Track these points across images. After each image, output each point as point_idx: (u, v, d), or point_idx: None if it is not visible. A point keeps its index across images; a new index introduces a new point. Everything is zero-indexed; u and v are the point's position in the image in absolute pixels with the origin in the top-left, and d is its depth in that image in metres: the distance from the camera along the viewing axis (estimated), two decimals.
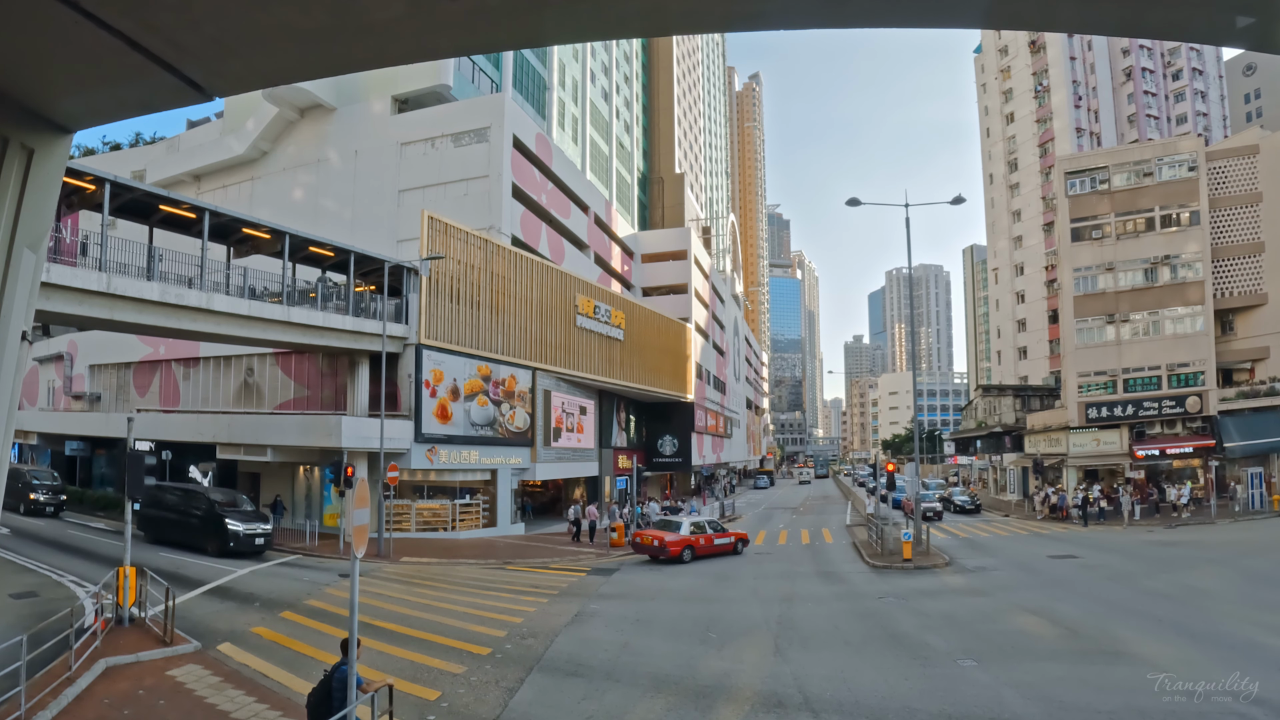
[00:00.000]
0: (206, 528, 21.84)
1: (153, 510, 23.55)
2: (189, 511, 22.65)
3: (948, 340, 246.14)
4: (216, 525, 21.59)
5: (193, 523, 22.34)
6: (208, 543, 21.67)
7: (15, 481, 29.28)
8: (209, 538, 21.68)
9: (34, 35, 1.68)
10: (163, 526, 23.21)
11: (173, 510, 23.16)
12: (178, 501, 23.35)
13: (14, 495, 28.78)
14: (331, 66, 1.97)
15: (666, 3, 1.75)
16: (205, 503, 22.42)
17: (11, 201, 2.02)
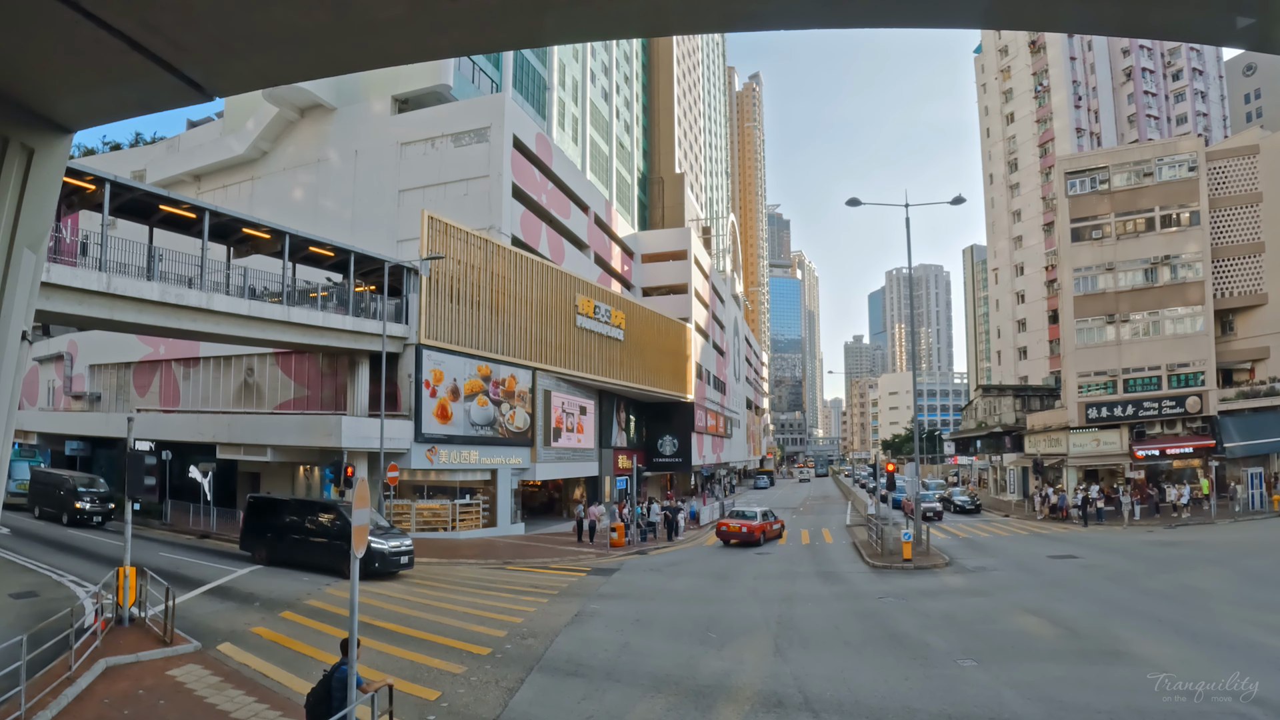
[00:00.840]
0: (342, 548, 18.27)
1: (263, 524, 20.56)
2: (318, 528, 19.58)
3: (948, 340, 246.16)
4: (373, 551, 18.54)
5: (322, 541, 19.28)
6: (345, 563, 17.79)
7: (57, 489, 27.44)
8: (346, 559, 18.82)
9: (34, 35, 1.68)
10: (281, 546, 19.89)
11: (295, 528, 19.98)
12: (300, 517, 20.21)
13: (56, 504, 27.12)
14: (332, 66, 1.97)
15: (666, 3, 1.75)
16: (340, 518, 19.13)
17: (11, 201, 2.02)
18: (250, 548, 20.68)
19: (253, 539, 20.69)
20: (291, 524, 20.18)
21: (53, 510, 27.28)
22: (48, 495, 27.83)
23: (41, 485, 28.87)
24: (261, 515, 20.83)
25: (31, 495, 29.34)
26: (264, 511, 20.96)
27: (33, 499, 28.95)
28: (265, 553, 20.16)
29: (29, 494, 29.55)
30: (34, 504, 28.68)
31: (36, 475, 30.12)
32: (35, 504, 28.72)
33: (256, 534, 20.61)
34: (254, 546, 20.53)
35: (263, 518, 20.74)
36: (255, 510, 21.14)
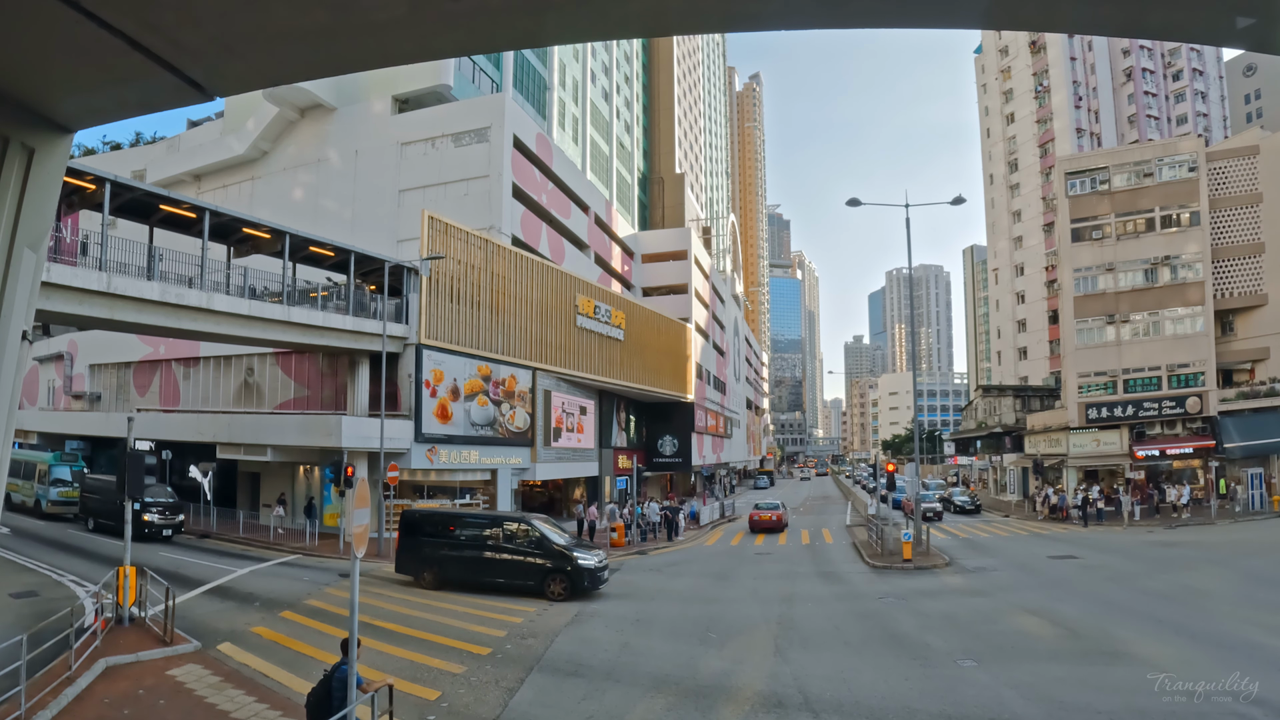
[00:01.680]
0: (539, 565, 17.14)
1: (426, 542, 18.22)
2: (502, 543, 17.77)
3: (948, 340, 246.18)
4: (558, 560, 17.10)
5: (510, 558, 17.48)
6: (548, 584, 16.90)
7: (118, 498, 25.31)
8: (547, 578, 16.97)
9: (35, 35, 1.68)
10: (454, 565, 17.78)
11: (472, 543, 17.95)
12: (477, 530, 18.22)
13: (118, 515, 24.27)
14: (332, 66, 1.97)
15: (666, 3, 1.75)
16: (536, 533, 17.61)
17: (12, 201, 2.02)
18: (411, 570, 18.06)
19: (413, 560, 18.06)
20: (467, 539, 17.99)
21: (112, 523, 23.50)
22: (106, 505, 24.42)
23: (97, 494, 25.58)
24: (422, 532, 18.33)
25: (84, 505, 26.48)
26: (426, 528, 18.50)
27: (86, 509, 26.23)
28: (433, 574, 17.73)
29: (80, 503, 26.77)
30: (87, 514, 25.97)
31: (89, 482, 26.63)
32: (89, 515, 25.80)
33: (417, 553, 18.04)
34: (415, 568, 17.96)
35: (425, 535, 18.29)
36: (413, 527, 18.52)
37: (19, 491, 29.32)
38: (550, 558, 17.05)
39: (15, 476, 29.28)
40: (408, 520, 18.99)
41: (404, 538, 18.50)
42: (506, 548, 17.61)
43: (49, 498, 27.83)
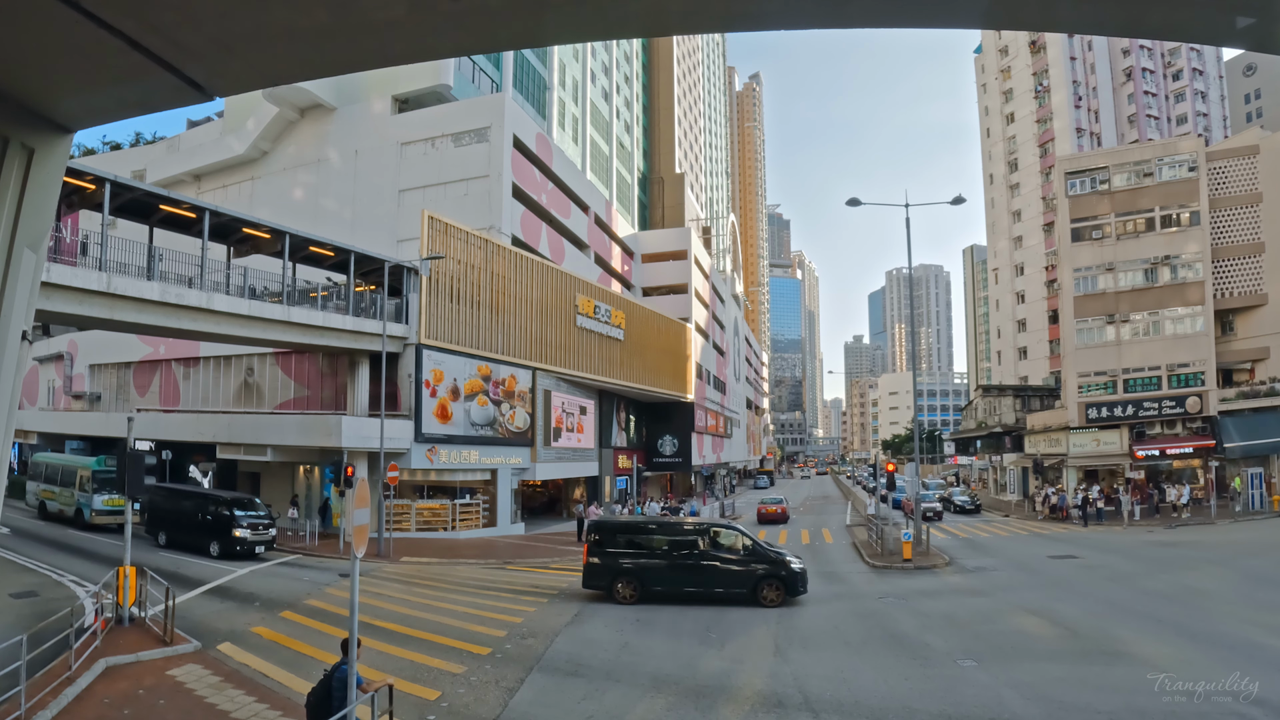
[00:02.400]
0: (753, 571, 16.31)
1: (618, 553, 16.96)
2: (719, 552, 16.77)
3: (948, 340, 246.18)
4: (774, 565, 16.37)
5: (727, 568, 16.55)
6: (761, 590, 16.15)
7: (200, 511, 21.95)
8: (760, 584, 16.21)
9: (35, 35, 1.68)
10: (653, 575, 16.62)
11: (685, 552, 16.77)
12: (691, 540, 16.98)
13: (200, 530, 21.52)
14: (332, 66, 1.97)
15: (666, 3, 1.75)
16: (746, 539, 16.98)
17: (12, 201, 2.02)
18: (603, 583, 16.77)
19: (608, 572, 16.75)
20: (671, 549, 16.93)
21: (192, 539, 21.60)
22: (183, 519, 22.15)
23: (170, 506, 23.01)
24: (617, 544, 17.01)
25: (152, 517, 23.44)
26: (622, 538, 17.16)
27: (155, 522, 23.24)
28: (631, 588, 16.50)
29: (147, 514, 23.54)
30: (157, 528, 23.03)
31: (159, 493, 23.88)
32: (160, 529, 22.89)
33: (612, 566, 16.77)
34: (609, 582, 16.66)
35: (621, 546, 17.02)
36: (607, 536, 17.20)
37: (56, 500, 27.00)
38: (764, 562, 16.42)
39: (53, 483, 27.34)
40: (601, 531, 17.57)
41: (595, 549, 17.11)
42: (718, 555, 16.71)
43: (93, 507, 25.13)
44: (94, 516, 25.19)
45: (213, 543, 21.07)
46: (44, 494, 27.89)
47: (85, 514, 25.57)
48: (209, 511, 21.68)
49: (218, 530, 21.14)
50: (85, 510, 25.64)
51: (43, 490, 28.02)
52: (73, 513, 26.09)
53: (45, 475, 28.31)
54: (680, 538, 17.21)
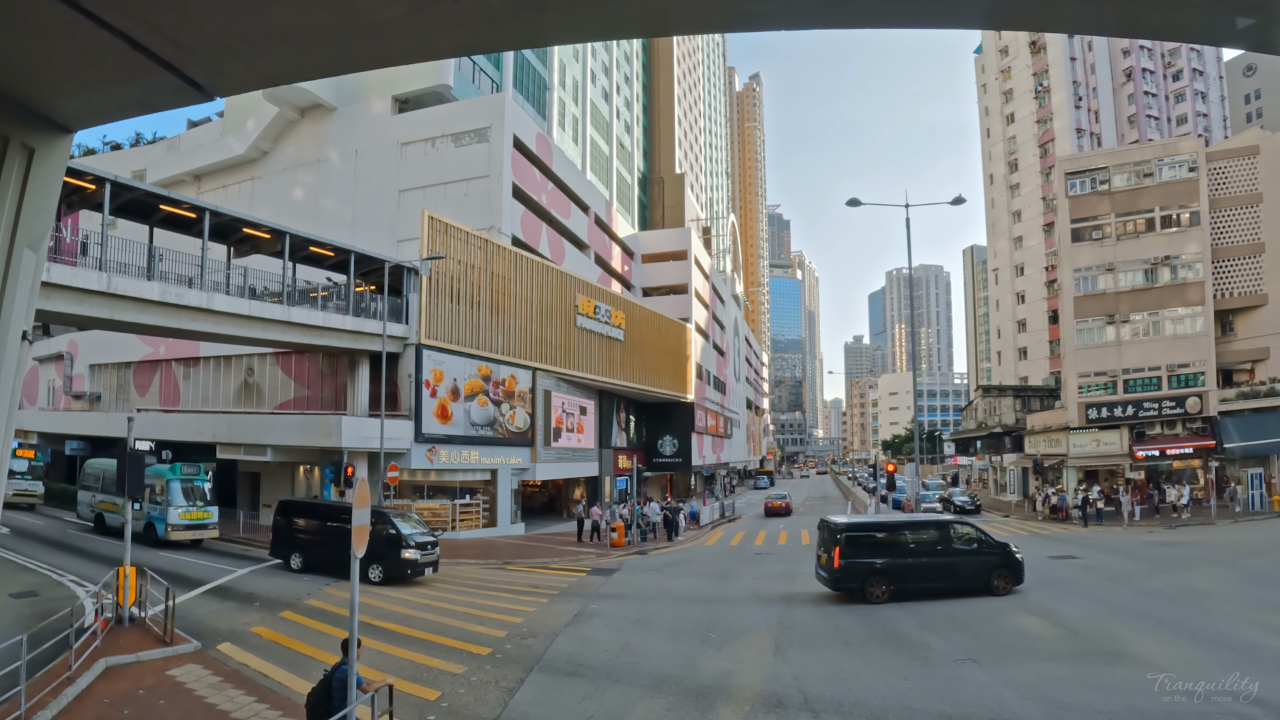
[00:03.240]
0: (987, 561, 16.54)
1: (889, 550, 16.69)
2: (956, 546, 16.79)
3: (948, 340, 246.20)
4: (1003, 554, 16.67)
5: (966, 560, 16.62)
6: (993, 579, 16.37)
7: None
8: (993, 574, 16.43)
9: (35, 35, 1.69)
10: (919, 572, 16.42)
11: (928, 549, 16.73)
12: (931, 536, 16.97)
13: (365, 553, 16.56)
14: (332, 66, 1.97)
15: (666, 3, 1.75)
16: (976, 530, 17.17)
17: (12, 201, 2.03)
18: (851, 584, 16.41)
19: (860, 573, 16.31)
20: (916, 546, 16.84)
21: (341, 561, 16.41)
22: (328, 538, 18.76)
23: (310, 524, 19.90)
24: (870, 543, 16.79)
25: (282, 538, 20.18)
26: (873, 538, 16.93)
27: (286, 543, 20.02)
28: (884, 587, 16.19)
29: (274, 536, 20.44)
30: (288, 549, 19.87)
31: (294, 509, 20.79)
32: (292, 550, 19.73)
33: (865, 567, 16.41)
34: (856, 583, 16.36)
35: (873, 545, 16.78)
36: (858, 537, 16.75)
37: (116, 512, 23.73)
38: (996, 552, 16.81)
39: (110, 494, 24.44)
40: (853, 531, 17.01)
41: (847, 550, 16.60)
42: (959, 550, 16.79)
43: (170, 521, 22.16)
44: (170, 532, 22.05)
45: (373, 566, 17.93)
46: (102, 505, 24.85)
47: (159, 529, 22.19)
48: (384, 527, 18.40)
49: (381, 551, 17.93)
50: (159, 525, 22.30)
51: (100, 501, 25.11)
52: (141, 528, 22.19)
53: (103, 484, 25.12)
54: (927, 535, 17.19)
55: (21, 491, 31.01)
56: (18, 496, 30.52)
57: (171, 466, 23.19)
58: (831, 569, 16.47)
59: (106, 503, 24.70)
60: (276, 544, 20.36)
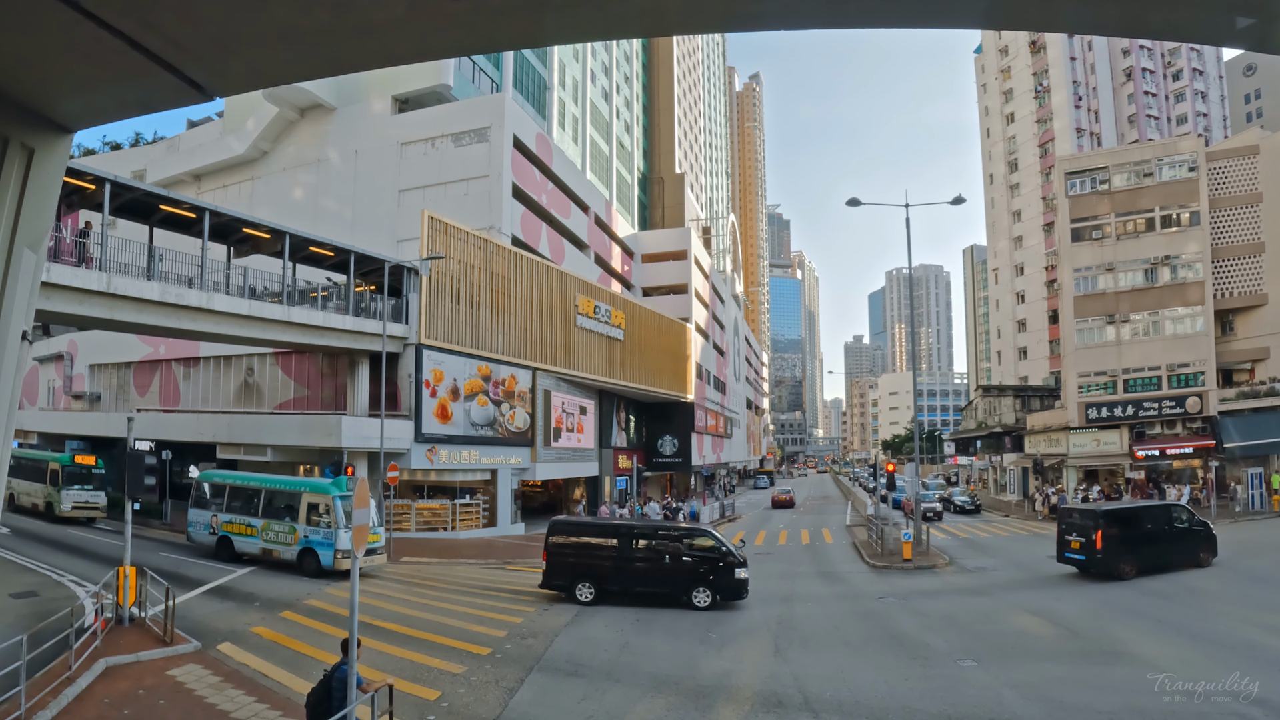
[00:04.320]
0: (1199, 536, 19.07)
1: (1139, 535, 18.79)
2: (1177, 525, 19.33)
3: (948, 340, 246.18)
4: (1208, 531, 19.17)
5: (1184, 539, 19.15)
6: (1199, 554, 18.96)
7: (671, 554, 16.39)
8: (1199, 549, 19.09)
9: (34, 35, 1.68)
10: (1153, 552, 18.62)
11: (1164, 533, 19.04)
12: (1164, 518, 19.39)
13: (689, 575, 16.01)
14: (332, 66, 1.97)
15: (666, 3, 1.75)
16: (1187, 511, 19.60)
17: (12, 201, 2.03)
18: (1111, 563, 18.18)
19: (1116, 554, 18.21)
20: (1155, 531, 18.93)
21: (656, 585, 16.26)
22: (633, 562, 16.48)
23: (613, 546, 16.83)
24: (1124, 528, 18.67)
25: (566, 564, 16.67)
26: (1126, 525, 18.80)
27: (573, 569, 16.60)
28: (1130, 563, 18.20)
29: (557, 561, 16.73)
30: (580, 577, 16.45)
31: (583, 529, 17.84)
32: (591, 578, 16.36)
33: (1131, 549, 18.45)
34: (1118, 563, 18.17)
35: (1133, 531, 18.74)
36: (1119, 527, 18.67)
37: (252, 536, 20.07)
38: (1201, 530, 19.26)
39: (243, 514, 20.41)
40: (1109, 517, 18.85)
41: (1108, 532, 18.63)
42: (1176, 529, 19.25)
43: (339, 547, 18.43)
44: (339, 560, 18.26)
45: (699, 589, 15.92)
46: (230, 527, 20.72)
47: (323, 557, 18.64)
48: (689, 553, 16.39)
49: (709, 573, 16.08)
50: (323, 551, 18.70)
51: (228, 523, 20.76)
52: (295, 555, 19.16)
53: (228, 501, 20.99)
54: (1161, 515, 19.62)
55: (82, 504, 27.14)
56: (76, 510, 26.91)
57: (335, 481, 19.62)
58: (1092, 550, 18.59)
59: (237, 524, 20.43)
60: (553, 572, 16.76)
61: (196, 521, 21.54)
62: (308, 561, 18.83)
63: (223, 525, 20.82)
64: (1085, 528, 18.70)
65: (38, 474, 28.19)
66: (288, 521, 19.50)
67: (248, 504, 20.46)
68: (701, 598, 15.90)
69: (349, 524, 17.65)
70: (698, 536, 16.96)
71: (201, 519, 21.40)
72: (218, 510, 21.07)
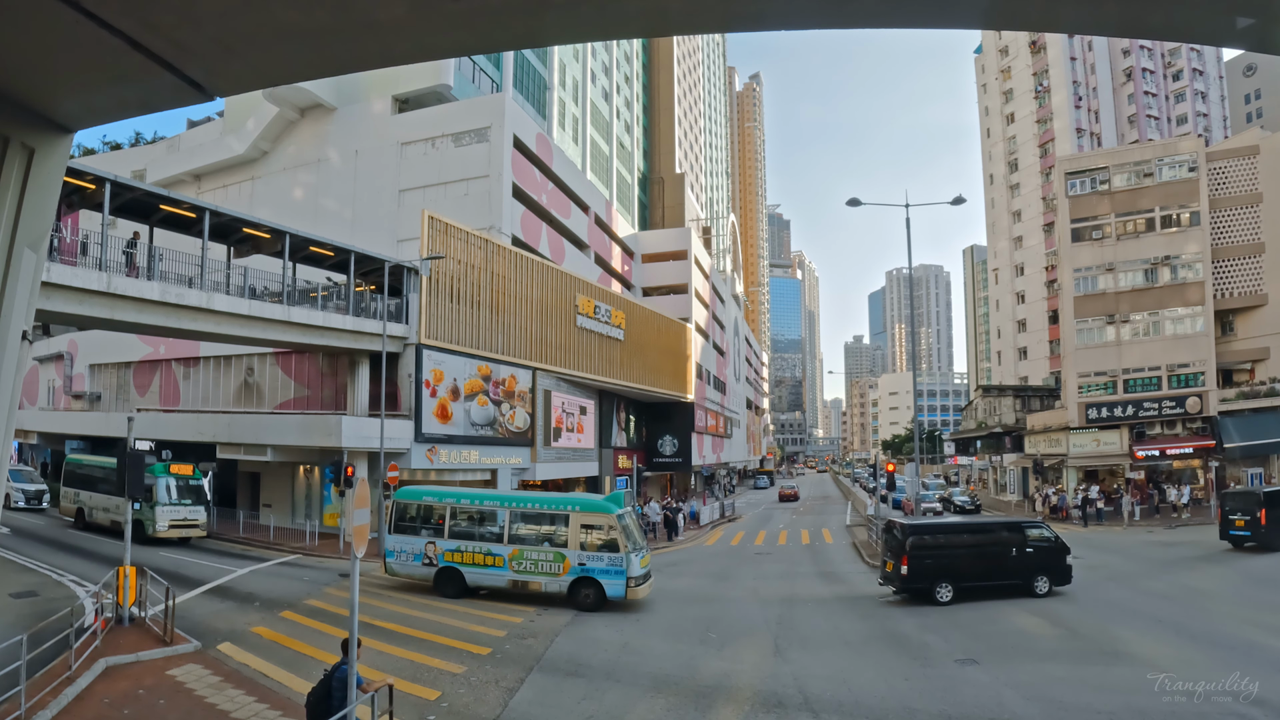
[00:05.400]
0: None
1: None
2: None
3: (948, 340, 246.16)
4: None
5: None
6: None
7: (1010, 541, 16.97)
8: None
9: (35, 35, 1.69)
10: None
11: None
12: None
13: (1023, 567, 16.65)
14: (333, 66, 1.97)
15: (666, 3, 1.75)
16: None
17: (12, 201, 2.03)
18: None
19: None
20: None
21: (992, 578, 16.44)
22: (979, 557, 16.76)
23: (970, 543, 17.22)
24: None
25: (927, 565, 16.25)
26: None
27: (933, 571, 16.29)
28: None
29: (920, 562, 16.22)
30: (940, 578, 16.25)
31: (929, 530, 17.48)
32: (949, 577, 16.30)
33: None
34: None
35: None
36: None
37: (509, 567, 16.54)
38: None
39: (479, 539, 17.02)
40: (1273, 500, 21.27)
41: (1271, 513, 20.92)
42: None
43: (630, 574, 15.81)
44: (631, 589, 15.74)
45: (1040, 578, 16.69)
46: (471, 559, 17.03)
47: (610, 589, 15.79)
48: (1031, 544, 17.08)
49: (1047, 562, 16.89)
50: (609, 584, 15.82)
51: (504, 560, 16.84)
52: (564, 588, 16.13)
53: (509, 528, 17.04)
54: None
55: (180, 521, 23.43)
56: (174, 529, 23.21)
57: (611, 497, 17.47)
58: (1258, 528, 20.72)
59: (470, 554, 16.96)
60: (914, 576, 16.25)
61: (401, 550, 17.57)
62: (584, 593, 15.92)
63: (445, 554, 17.10)
64: (1251, 508, 21.40)
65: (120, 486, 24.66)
66: (548, 547, 16.50)
67: (482, 528, 17.25)
68: (1042, 585, 16.73)
69: (638, 546, 16.55)
70: (1035, 529, 17.76)
71: (408, 547, 17.48)
72: (433, 536, 17.39)
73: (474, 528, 17.35)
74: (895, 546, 16.75)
